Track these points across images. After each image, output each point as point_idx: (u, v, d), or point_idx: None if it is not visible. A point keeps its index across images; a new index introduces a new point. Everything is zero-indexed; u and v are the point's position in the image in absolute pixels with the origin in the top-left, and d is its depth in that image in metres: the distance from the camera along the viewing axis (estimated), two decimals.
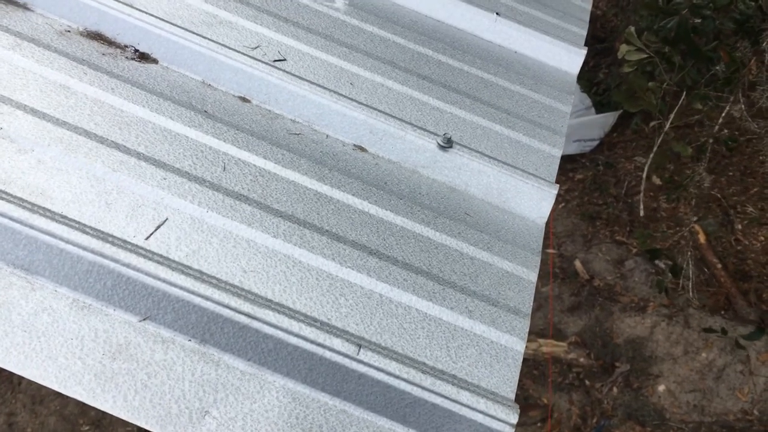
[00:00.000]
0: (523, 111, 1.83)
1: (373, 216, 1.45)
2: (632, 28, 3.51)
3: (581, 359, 4.96)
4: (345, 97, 1.63)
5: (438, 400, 1.16)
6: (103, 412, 4.78)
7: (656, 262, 5.41)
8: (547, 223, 1.63)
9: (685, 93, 3.80)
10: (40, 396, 4.82)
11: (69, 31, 1.57)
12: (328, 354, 1.16)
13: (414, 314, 1.29)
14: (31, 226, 1.15)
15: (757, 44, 3.43)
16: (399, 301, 1.30)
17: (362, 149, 1.63)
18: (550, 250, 5.73)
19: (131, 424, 4.74)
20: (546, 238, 5.74)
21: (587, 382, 4.86)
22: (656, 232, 5.61)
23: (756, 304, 5.05)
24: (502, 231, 1.55)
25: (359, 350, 1.17)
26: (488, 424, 1.15)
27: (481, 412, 1.16)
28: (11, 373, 4.90)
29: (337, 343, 1.17)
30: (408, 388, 1.16)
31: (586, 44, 2.14)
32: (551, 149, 1.73)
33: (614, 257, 5.64)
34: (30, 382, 4.91)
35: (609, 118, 6.48)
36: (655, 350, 4.93)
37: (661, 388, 4.74)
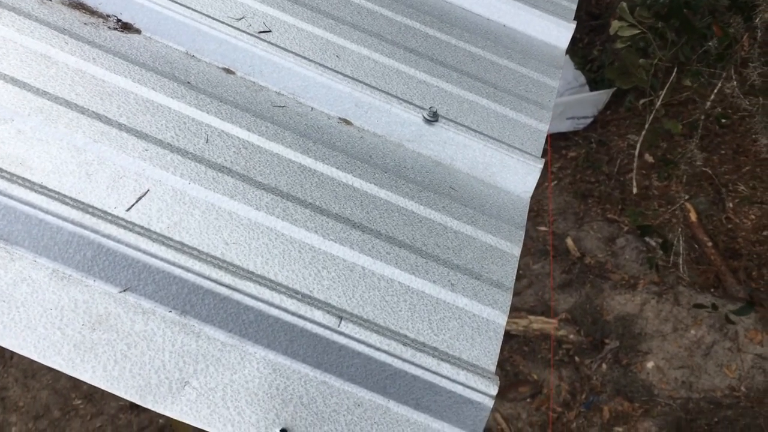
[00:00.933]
0: (510, 85, 1.82)
1: (357, 189, 1.45)
2: (624, 4, 3.49)
3: (571, 336, 5.00)
4: (330, 69, 1.62)
5: (418, 372, 1.17)
6: (94, 387, 4.80)
7: (647, 239, 5.43)
8: (540, 200, 1.62)
9: (676, 69, 3.79)
10: (32, 370, 4.84)
11: (50, 0, 1.55)
12: (309, 326, 1.16)
13: (396, 287, 1.29)
14: (10, 196, 1.14)
15: (750, 20, 3.42)
16: (381, 273, 1.30)
17: (347, 122, 1.62)
18: (545, 228, 5.74)
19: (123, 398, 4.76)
20: (540, 215, 5.75)
21: (577, 359, 4.90)
22: (648, 210, 5.62)
23: (745, 282, 5.09)
24: (486, 205, 1.54)
25: (340, 322, 1.17)
26: (468, 395, 1.16)
27: (461, 383, 1.16)
28: (2, 348, 4.91)
29: (318, 315, 1.17)
30: (389, 359, 1.17)
31: (579, 18, 2.13)
32: (538, 124, 1.73)
33: (606, 235, 5.66)
34: (22, 357, 4.91)
35: (602, 95, 6.46)
36: (645, 327, 4.97)
37: (650, 364, 4.78)
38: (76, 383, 4.76)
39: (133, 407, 4.67)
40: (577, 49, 6.85)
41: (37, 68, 1.37)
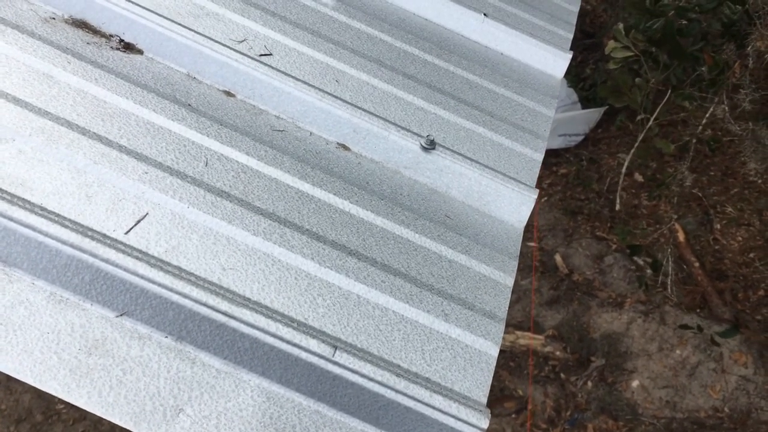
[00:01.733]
0: (506, 114, 1.84)
1: (354, 216, 1.46)
2: (621, 26, 3.53)
3: (557, 352, 5.02)
4: (330, 94, 1.63)
5: (411, 404, 1.18)
6: None
7: (636, 258, 5.47)
8: (531, 215, 1.64)
9: (670, 91, 3.84)
10: None
11: (54, 19, 1.55)
12: (303, 355, 1.17)
13: (390, 316, 1.30)
14: (10, 218, 1.15)
15: (742, 47, 3.46)
16: (376, 302, 1.31)
17: (345, 148, 1.63)
18: (533, 244, 5.77)
19: None
20: (529, 230, 5.77)
21: (562, 376, 4.92)
22: (636, 229, 5.66)
23: (731, 303, 5.13)
24: (481, 234, 1.56)
25: (335, 352, 1.18)
26: (459, 428, 1.17)
27: (452, 416, 1.18)
28: None
29: (313, 344, 1.18)
30: (382, 390, 1.18)
31: (573, 37, 2.15)
32: (533, 153, 1.75)
33: (594, 252, 5.69)
34: None
35: (594, 113, 6.51)
36: (631, 346, 4.99)
37: (635, 383, 4.81)
38: None
39: None
40: (570, 67, 6.88)
41: (40, 88, 1.38)
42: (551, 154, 6.46)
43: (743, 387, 4.68)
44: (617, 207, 5.64)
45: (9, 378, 4.79)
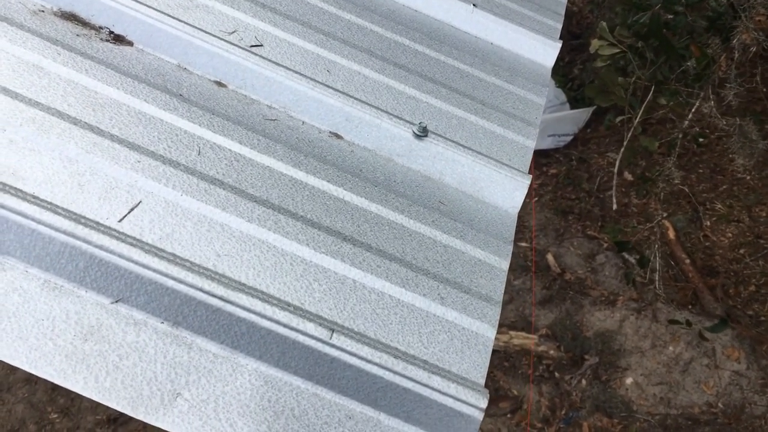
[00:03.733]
0: (498, 102, 1.85)
1: (348, 203, 1.46)
2: (604, 24, 3.55)
3: (551, 351, 5.02)
4: (321, 83, 1.63)
5: (409, 385, 1.17)
6: (72, 400, 4.74)
7: (626, 255, 5.49)
8: (521, 216, 1.65)
9: (653, 88, 3.86)
10: (7, 383, 4.76)
11: (43, 11, 1.55)
12: (301, 338, 1.17)
13: (387, 300, 1.30)
14: (2, 206, 1.14)
15: (727, 41, 3.49)
16: (372, 287, 1.31)
17: (338, 136, 1.63)
18: (525, 244, 5.78)
19: (100, 412, 4.70)
20: (521, 231, 5.78)
21: (557, 374, 4.92)
22: (627, 227, 5.68)
23: (722, 300, 5.15)
24: (475, 220, 1.56)
25: (332, 335, 1.18)
26: (458, 408, 1.17)
27: (451, 396, 1.17)
28: None
29: (310, 327, 1.17)
30: (380, 372, 1.17)
31: (561, 38, 2.16)
32: (525, 140, 1.75)
33: (585, 251, 5.71)
34: None
35: (583, 113, 6.54)
36: (624, 343, 5.01)
37: (629, 380, 4.82)
38: (52, 397, 4.70)
39: (111, 422, 4.61)
40: (558, 67, 6.93)
41: (29, 78, 1.37)
42: (541, 155, 6.49)
43: (736, 382, 4.70)
44: (614, 207, 5.66)
45: (1, 389, 4.75)
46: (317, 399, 1.16)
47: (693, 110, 4.22)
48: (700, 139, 5.39)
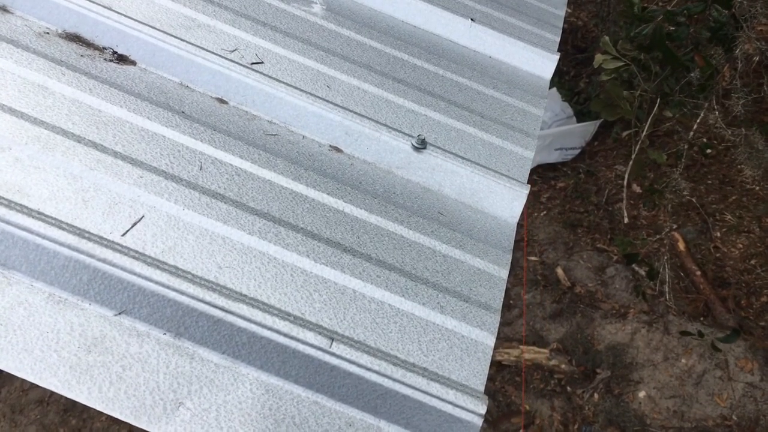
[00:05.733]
0: (496, 114, 1.87)
1: (348, 214, 1.48)
2: (606, 38, 3.57)
3: (563, 366, 5.00)
4: (321, 99, 1.66)
5: (408, 392, 1.19)
6: (84, 421, 4.76)
7: (635, 268, 5.47)
8: (530, 230, 1.66)
9: (659, 100, 3.87)
10: (20, 405, 4.79)
11: (48, 33, 1.59)
12: (301, 347, 1.18)
13: (386, 309, 1.31)
14: (8, 222, 1.17)
15: (730, 51, 3.50)
16: (372, 296, 1.32)
17: (338, 150, 1.65)
18: (535, 258, 5.77)
19: None
20: (530, 245, 5.78)
21: (569, 389, 4.90)
22: (636, 240, 5.67)
23: (734, 311, 5.12)
24: (474, 230, 1.58)
25: (332, 343, 1.19)
26: (457, 414, 1.18)
27: (450, 402, 1.18)
28: None
29: (310, 336, 1.19)
30: (379, 380, 1.19)
31: (565, 52, 2.18)
32: (523, 151, 1.77)
33: (595, 264, 5.69)
34: (10, 391, 4.88)
35: (589, 127, 6.55)
36: (636, 356, 4.98)
37: (642, 394, 4.78)
38: (64, 418, 4.72)
39: None
40: (564, 81, 6.96)
41: (35, 98, 1.41)
42: (549, 169, 6.49)
43: (750, 394, 4.65)
44: (625, 220, 5.65)
45: (14, 411, 4.77)
46: (318, 407, 1.17)
47: (699, 121, 4.23)
48: (708, 150, 5.38)
